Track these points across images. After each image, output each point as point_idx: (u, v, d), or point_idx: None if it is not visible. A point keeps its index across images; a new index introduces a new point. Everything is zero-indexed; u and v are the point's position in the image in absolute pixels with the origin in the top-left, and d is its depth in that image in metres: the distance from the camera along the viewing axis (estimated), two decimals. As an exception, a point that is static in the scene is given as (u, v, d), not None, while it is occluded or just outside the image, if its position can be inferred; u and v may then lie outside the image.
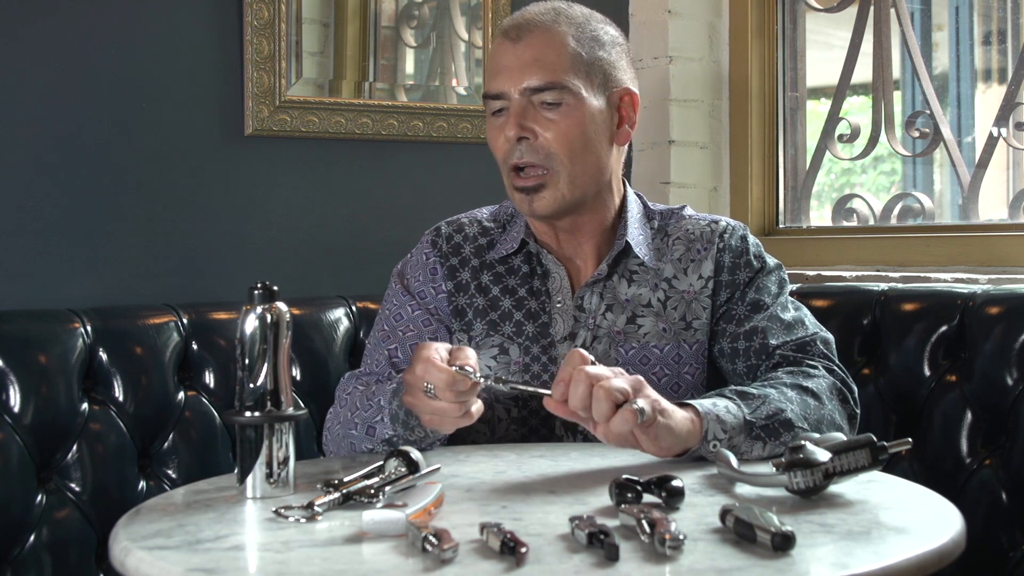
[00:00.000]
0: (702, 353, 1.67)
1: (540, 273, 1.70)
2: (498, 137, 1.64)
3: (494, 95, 1.63)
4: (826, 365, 1.60)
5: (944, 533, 1.10)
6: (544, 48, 1.61)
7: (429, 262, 1.73)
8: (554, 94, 1.61)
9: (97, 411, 1.85)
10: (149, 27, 2.19)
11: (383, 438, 1.50)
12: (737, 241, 1.71)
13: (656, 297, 1.68)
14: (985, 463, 1.83)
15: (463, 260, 1.73)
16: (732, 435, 1.40)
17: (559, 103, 1.61)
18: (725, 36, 2.81)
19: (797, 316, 1.66)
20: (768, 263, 1.71)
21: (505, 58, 1.63)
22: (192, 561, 1.03)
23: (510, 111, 1.62)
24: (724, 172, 2.82)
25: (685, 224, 1.73)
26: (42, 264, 2.08)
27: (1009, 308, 1.85)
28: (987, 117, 2.44)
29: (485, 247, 1.73)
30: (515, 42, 1.62)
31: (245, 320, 1.27)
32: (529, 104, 1.61)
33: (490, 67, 1.67)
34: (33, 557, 1.76)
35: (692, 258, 1.70)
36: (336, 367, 2.07)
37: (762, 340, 1.62)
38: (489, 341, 1.67)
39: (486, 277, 1.71)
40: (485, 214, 1.79)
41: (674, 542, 1.01)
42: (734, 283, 1.68)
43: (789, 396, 1.49)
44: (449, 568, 0.99)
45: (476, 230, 1.75)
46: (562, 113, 1.61)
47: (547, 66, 1.61)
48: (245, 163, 2.30)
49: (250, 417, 1.25)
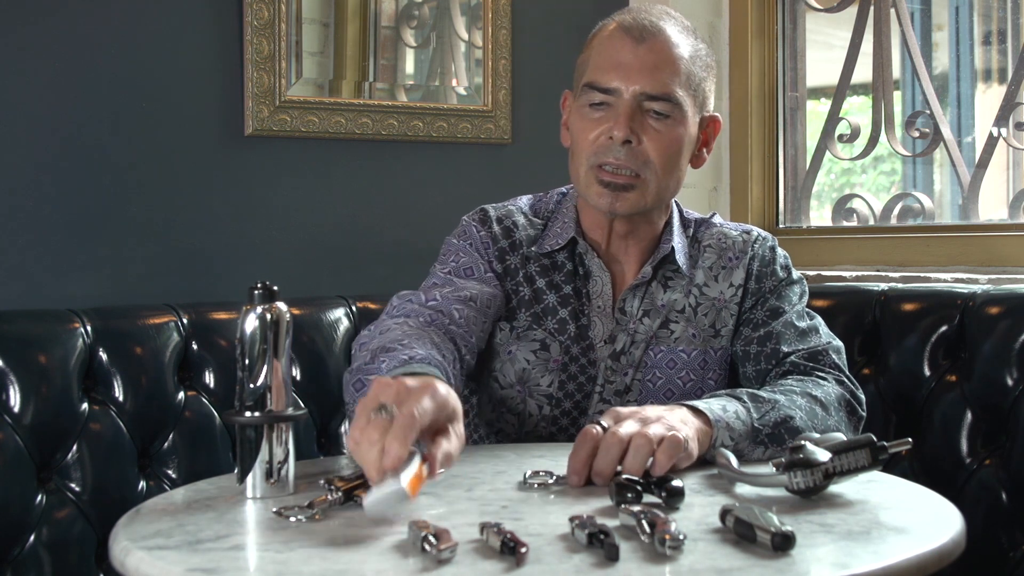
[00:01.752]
0: (726, 359, 1.69)
1: (582, 274, 1.69)
2: (593, 130, 1.62)
3: (604, 89, 1.61)
4: (836, 376, 1.60)
5: (944, 533, 1.10)
6: (665, 56, 1.60)
7: (481, 235, 1.70)
8: (666, 106, 1.60)
9: (97, 411, 1.85)
10: (149, 27, 2.19)
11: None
12: (767, 251, 1.72)
13: (688, 303, 1.68)
14: (985, 463, 1.83)
15: (514, 244, 1.70)
16: (738, 441, 1.41)
17: (668, 115, 1.60)
18: (725, 36, 2.81)
19: (811, 325, 1.67)
20: (793, 275, 1.73)
21: (624, 55, 1.60)
22: (192, 561, 1.03)
23: (618, 110, 1.60)
24: (724, 172, 2.82)
25: (716, 232, 1.73)
26: (42, 264, 2.08)
27: (1009, 308, 1.85)
28: (987, 117, 2.44)
29: (533, 238, 1.71)
30: (638, 42, 1.60)
31: (245, 320, 1.27)
32: (638, 109, 1.60)
33: (602, 59, 1.62)
34: (33, 557, 1.76)
35: (724, 266, 1.70)
36: (336, 367, 2.07)
37: (775, 345, 1.63)
38: (531, 334, 1.65)
39: (533, 267, 1.69)
40: (526, 206, 1.76)
41: (674, 542, 1.01)
42: (760, 291, 1.70)
43: (799, 404, 1.49)
44: (449, 568, 0.99)
45: (524, 220, 1.73)
46: (668, 125, 1.61)
47: (666, 76, 1.59)
48: (245, 163, 2.30)
49: (250, 417, 1.25)
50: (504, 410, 1.67)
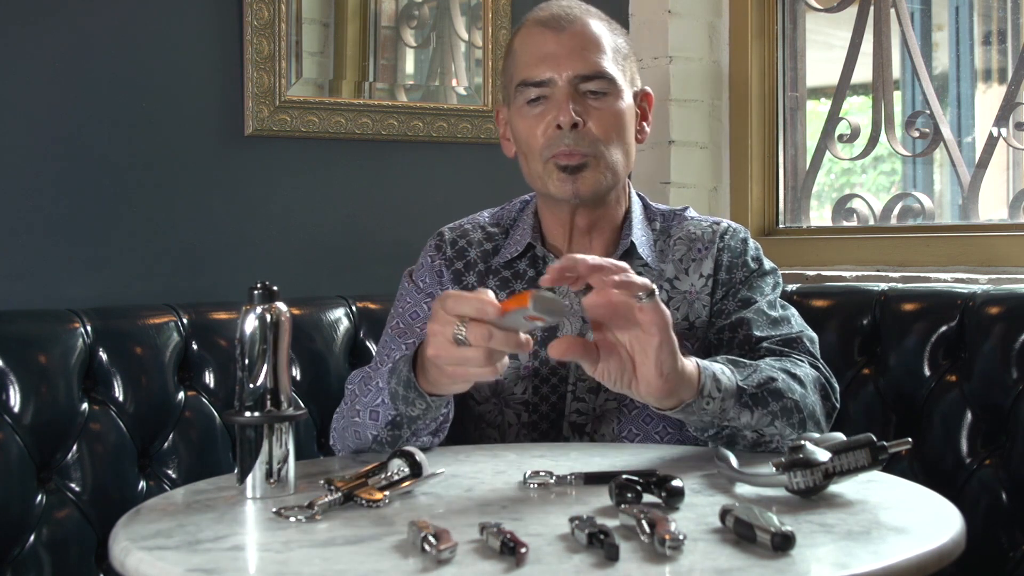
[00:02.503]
0: (703, 352, 1.67)
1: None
2: (538, 125, 1.64)
3: (538, 82, 1.63)
4: (811, 361, 1.60)
5: (944, 533, 1.10)
6: (587, 39, 1.64)
7: (435, 265, 1.73)
8: (602, 83, 1.63)
9: (97, 411, 1.85)
10: (149, 27, 2.19)
11: (387, 420, 1.47)
12: (738, 243, 1.71)
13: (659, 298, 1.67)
14: (985, 463, 1.83)
15: (468, 264, 1.72)
16: (725, 396, 1.38)
17: (605, 92, 1.63)
18: (725, 36, 2.81)
19: (784, 315, 1.66)
20: (765, 266, 1.72)
21: (548, 46, 1.63)
22: (192, 561, 1.03)
23: (557, 98, 1.62)
24: (724, 172, 2.82)
25: (687, 225, 1.73)
26: (42, 264, 2.08)
27: (1009, 308, 1.85)
28: (987, 117, 2.44)
29: (491, 252, 1.73)
30: (558, 31, 1.63)
31: (245, 320, 1.27)
32: (576, 92, 1.62)
33: (528, 55, 1.65)
34: (33, 557, 1.76)
35: (693, 258, 1.70)
36: (336, 367, 2.07)
37: (747, 332, 1.62)
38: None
39: (492, 282, 1.70)
40: (487, 218, 1.79)
41: (674, 542, 1.01)
42: (731, 282, 1.69)
43: (778, 369, 1.49)
44: (448, 568, 0.99)
45: (480, 235, 1.75)
46: (607, 102, 1.63)
47: (594, 55, 1.63)
48: (245, 163, 2.30)
49: (250, 417, 1.25)
50: (484, 425, 1.67)
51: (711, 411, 1.38)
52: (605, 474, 1.30)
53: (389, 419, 1.47)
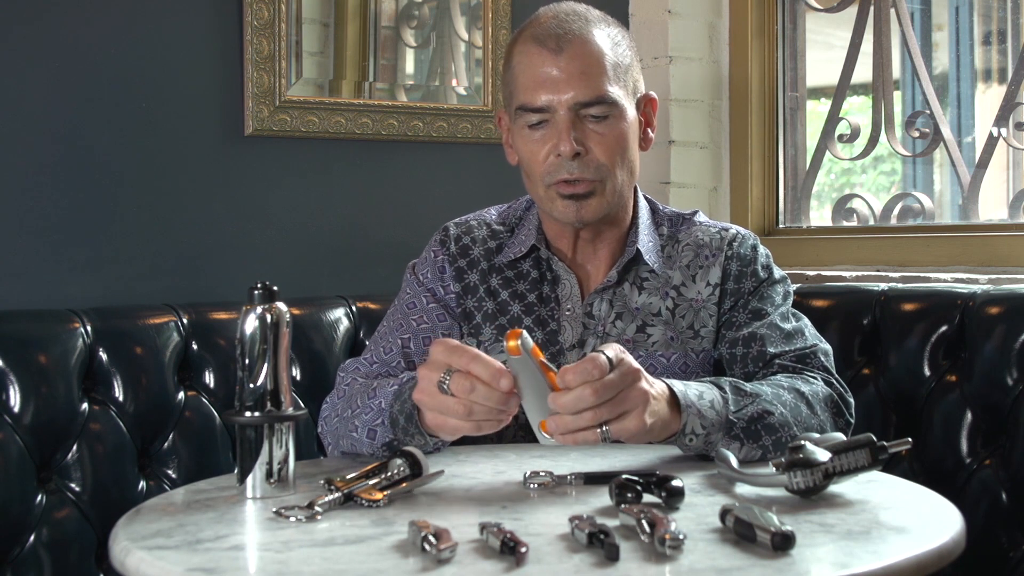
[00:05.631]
0: (708, 361, 1.66)
1: (550, 279, 1.68)
2: (540, 150, 1.61)
3: (536, 108, 1.59)
4: (825, 377, 1.58)
5: (944, 533, 1.10)
6: (588, 60, 1.58)
7: (438, 260, 1.72)
8: (603, 108, 1.59)
9: (97, 411, 1.85)
10: (149, 27, 2.19)
11: (383, 442, 1.48)
12: (747, 250, 1.69)
13: (665, 305, 1.66)
14: (985, 463, 1.83)
15: (472, 262, 1.71)
16: (711, 431, 1.38)
17: (606, 116, 1.59)
18: (725, 36, 2.81)
19: (797, 327, 1.64)
20: (775, 275, 1.70)
21: (547, 69, 1.58)
22: (192, 561, 1.03)
23: (557, 126, 1.59)
24: (724, 172, 2.82)
25: (695, 231, 1.71)
26: (42, 264, 2.08)
27: (1009, 308, 1.85)
28: (987, 117, 2.44)
29: (494, 250, 1.72)
30: (556, 53, 1.58)
31: (245, 320, 1.27)
32: (576, 118, 1.58)
33: (526, 78, 1.61)
34: (33, 557, 1.76)
35: (700, 265, 1.68)
36: (336, 367, 2.06)
37: (760, 347, 1.60)
38: (498, 347, 1.64)
39: (495, 281, 1.69)
40: (493, 216, 1.77)
41: (674, 542, 1.01)
42: (739, 291, 1.67)
43: (784, 399, 1.46)
44: (448, 568, 0.99)
45: (485, 232, 1.74)
46: (609, 125, 1.60)
47: (595, 79, 1.58)
48: (245, 163, 2.30)
49: (250, 417, 1.26)
50: None
51: (695, 446, 1.38)
52: (605, 474, 1.30)
53: (386, 441, 1.47)
